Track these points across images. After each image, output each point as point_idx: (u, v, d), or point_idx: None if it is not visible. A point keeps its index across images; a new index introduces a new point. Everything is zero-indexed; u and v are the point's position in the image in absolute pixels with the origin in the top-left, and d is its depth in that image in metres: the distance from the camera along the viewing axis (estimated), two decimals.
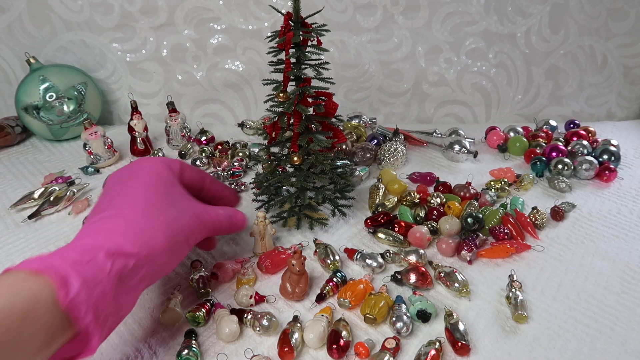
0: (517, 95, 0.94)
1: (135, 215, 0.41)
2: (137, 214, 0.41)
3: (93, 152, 0.77)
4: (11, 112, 0.89)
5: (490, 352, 0.44)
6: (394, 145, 0.77)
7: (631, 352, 0.44)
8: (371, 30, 0.89)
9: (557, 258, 0.56)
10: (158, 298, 0.51)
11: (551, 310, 0.48)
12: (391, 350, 0.42)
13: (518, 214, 0.61)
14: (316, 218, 0.61)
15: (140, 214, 0.41)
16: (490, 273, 0.53)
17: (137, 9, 0.87)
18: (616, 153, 0.74)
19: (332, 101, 0.57)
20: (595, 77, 0.94)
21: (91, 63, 0.92)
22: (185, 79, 0.92)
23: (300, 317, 0.47)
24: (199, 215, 0.46)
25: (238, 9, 0.87)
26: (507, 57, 0.91)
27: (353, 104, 0.95)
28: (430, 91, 0.93)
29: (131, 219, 0.40)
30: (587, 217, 0.63)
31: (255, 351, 0.44)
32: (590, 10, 0.88)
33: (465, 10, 0.87)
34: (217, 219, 0.49)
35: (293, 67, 0.54)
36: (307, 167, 0.57)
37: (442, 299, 0.50)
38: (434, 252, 0.57)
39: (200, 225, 0.46)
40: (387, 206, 0.64)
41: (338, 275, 0.51)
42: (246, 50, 0.90)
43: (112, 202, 0.43)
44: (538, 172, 0.73)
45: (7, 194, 0.71)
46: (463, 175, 0.74)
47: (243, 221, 0.53)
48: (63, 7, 0.87)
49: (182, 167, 0.50)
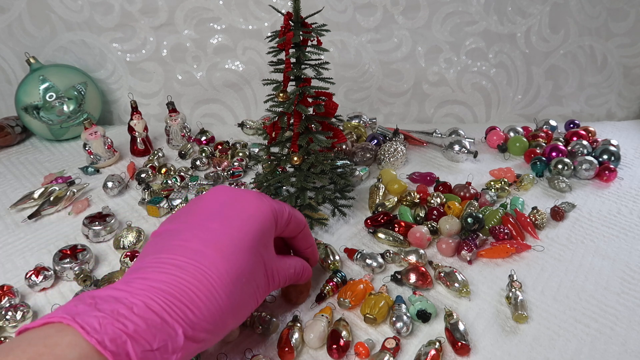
0: (517, 95, 0.94)
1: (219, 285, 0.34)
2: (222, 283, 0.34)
3: (93, 152, 0.77)
4: (11, 112, 0.89)
5: (490, 352, 0.44)
6: (394, 145, 0.77)
7: (631, 352, 0.44)
8: (371, 30, 0.89)
9: (557, 258, 0.56)
10: None
11: (551, 310, 0.48)
12: (391, 350, 0.42)
13: (518, 214, 0.61)
14: (316, 218, 0.61)
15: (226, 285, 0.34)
16: (490, 273, 0.53)
17: (137, 9, 0.87)
18: (616, 153, 0.74)
19: (332, 101, 0.57)
20: (595, 77, 0.94)
21: (91, 63, 0.92)
22: (185, 79, 0.92)
23: (300, 317, 0.46)
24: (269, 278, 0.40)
25: (238, 9, 0.87)
26: (507, 57, 0.91)
27: (353, 104, 0.95)
28: (430, 91, 0.93)
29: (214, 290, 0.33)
30: (587, 217, 0.63)
31: (255, 351, 0.44)
32: (590, 10, 0.88)
33: (465, 10, 0.87)
34: (285, 278, 0.43)
35: (293, 67, 0.54)
36: (307, 167, 0.57)
37: (442, 299, 0.50)
38: (434, 252, 0.57)
39: (266, 289, 0.40)
40: (387, 206, 0.64)
41: (338, 275, 0.51)
42: (246, 50, 0.90)
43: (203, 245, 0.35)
44: (538, 172, 0.73)
45: (7, 194, 0.71)
46: (463, 175, 0.74)
47: (308, 277, 0.48)
48: (63, 7, 0.87)
49: (288, 219, 0.43)
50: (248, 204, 0.39)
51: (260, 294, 0.39)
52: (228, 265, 0.35)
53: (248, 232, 0.37)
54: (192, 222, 0.38)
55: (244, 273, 0.36)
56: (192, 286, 0.32)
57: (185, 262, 0.34)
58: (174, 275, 0.33)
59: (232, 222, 0.37)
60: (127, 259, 0.54)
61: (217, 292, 0.33)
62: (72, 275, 0.53)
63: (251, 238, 0.37)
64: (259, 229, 0.38)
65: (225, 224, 0.37)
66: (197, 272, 0.33)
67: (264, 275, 0.39)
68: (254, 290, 0.37)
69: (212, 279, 0.33)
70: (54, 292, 0.52)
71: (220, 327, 0.34)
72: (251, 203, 0.40)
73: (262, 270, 0.38)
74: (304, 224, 0.46)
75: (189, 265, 0.33)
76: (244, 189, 0.42)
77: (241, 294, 0.35)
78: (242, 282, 0.36)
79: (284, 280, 0.42)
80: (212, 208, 0.39)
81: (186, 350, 0.31)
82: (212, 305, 0.33)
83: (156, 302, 0.31)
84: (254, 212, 0.39)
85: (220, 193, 0.41)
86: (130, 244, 0.57)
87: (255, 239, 0.38)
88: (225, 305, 0.34)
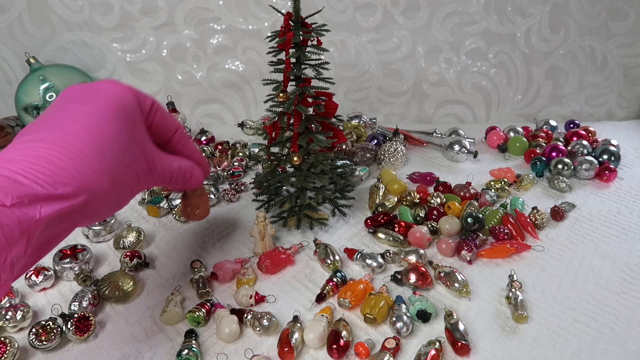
0: (517, 95, 0.94)
1: (84, 148, 0.34)
2: (87, 147, 0.34)
3: None
4: (11, 112, 0.89)
5: (490, 352, 0.44)
6: (394, 145, 0.77)
7: (631, 352, 0.44)
8: (371, 30, 0.89)
9: (557, 258, 0.56)
10: (158, 298, 0.51)
11: (551, 310, 0.48)
12: (391, 350, 0.42)
13: (518, 214, 0.61)
14: (316, 218, 0.61)
15: (91, 148, 0.34)
16: (490, 273, 0.54)
17: (137, 9, 0.87)
18: (616, 153, 0.74)
19: (332, 101, 0.57)
20: (595, 77, 0.94)
21: (91, 63, 0.92)
22: (185, 79, 0.92)
23: (300, 317, 0.47)
24: (150, 162, 0.40)
25: (238, 9, 0.87)
26: (507, 57, 0.91)
27: (353, 104, 0.95)
28: (430, 91, 0.94)
29: (78, 151, 0.33)
30: (587, 217, 0.63)
31: (255, 351, 0.44)
32: (590, 10, 0.88)
33: (465, 10, 0.87)
34: (171, 170, 0.43)
35: (293, 67, 0.54)
36: (307, 167, 0.57)
37: (442, 299, 0.50)
38: (434, 252, 0.57)
39: (148, 174, 0.40)
40: (387, 206, 0.64)
41: (338, 275, 0.51)
42: (246, 50, 0.90)
43: (61, 122, 0.35)
44: (538, 172, 0.73)
45: None
46: (463, 175, 0.74)
47: (198, 179, 0.47)
48: (63, 7, 0.87)
49: (153, 107, 0.42)
50: (104, 86, 0.39)
51: (140, 170, 0.39)
52: (89, 130, 0.35)
53: (107, 106, 0.37)
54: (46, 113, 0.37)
55: (112, 139, 0.36)
56: (49, 152, 0.32)
57: (41, 136, 0.34)
58: (30, 147, 0.33)
59: (87, 101, 0.37)
60: (127, 259, 0.54)
61: (82, 153, 0.33)
62: (72, 275, 0.53)
63: (111, 109, 0.37)
64: (120, 103, 0.38)
65: (81, 103, 0.37)
66: (55, 140, 0.33)
67: (141, 152, 0.39)
68: (129, 161, 0.37)
69: (72, 143, 0.33)
70: (54, 292, 0.52)
71: (94, 186, 0.34)
72: (108, 85, 0.39)
73: (137, 147, 0.39)
74: (178, 126, 0.45)
75: (45, 137, 0.33)
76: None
77: (114, 160, 0.35)
78: (113, 149, 0.36)
79: (169, 171, 0.42)
80: (66, 97, 0.38)
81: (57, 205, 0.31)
82: (77, 165, 0.33)
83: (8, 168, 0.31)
84: (112, 92, 0.38)
85: (72, 87, 0.40)
86: (130, 244, 0.57)
87: (118, 112, 0.37)
88: (93, 164, 0.34)
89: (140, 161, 0.39)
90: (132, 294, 0.50)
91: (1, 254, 0.29)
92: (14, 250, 0.30)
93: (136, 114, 0.39)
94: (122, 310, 0.49)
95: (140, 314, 0.49)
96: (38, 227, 0.31)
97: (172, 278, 0.54)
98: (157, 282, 0.53)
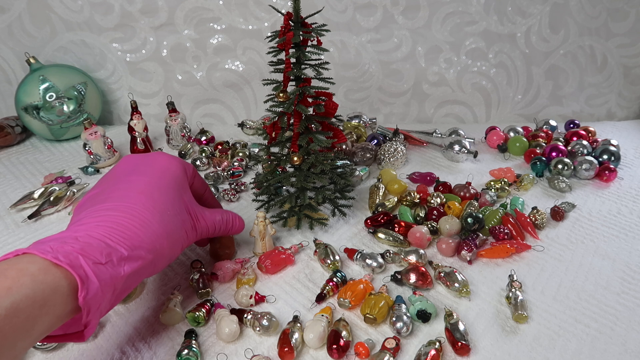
0: (517, 95, 0.94)
1: (149, 216, 0.41)
2: (150, 214, 0.41)
3: (93, 152, 0.77)
4: (11, 112, 0.89)
5: (490, 352, 0.44)
6: (394, 145, 0.77)
7: (631, 352, 0.44)
8: (371, 30, 0.89)
9: (557, 258, 0.56)
10: (158, 298, 0.51)
11: (551, 310, 0.48)
12: (391, 350, 0.42)
13: (518, 214, 0.61)
14: (316, 218, 0.61)
15: (153, 215, 0.41)
16: (490, 273, 0.53)
17: (137, 9, 0.87)
18: (616, 153, 0.74)
19: (332, 101, 0.57)
20: (595, 77, 0.94)
21: (91, 63, 0.92)
22: (185, 79, 0.92)
23: (300, 317, 0.47)
24: (194, 220, 0.47)
25: (238, 9, 0.87)
26: (507, 57, 0.91)
27: (353, 104, 0.95)
28: (430, 91, 0.94)
29: (145, 219, 0.40)
30: (587, 217, 0.63)
31: (255, 351, 0.44)
32: (590, 10, 0.88)
33: (465, 10, 0.87)
34: (212, 225, 0.49)
35: (293, 67, 0.54)
36: (307, 167, 0.57)
37: (442, 299, 0.50)
38: (434, 252, 0.57)
39: (192, 231, 0.47)
40: (387, 206, 0.64)
41: (338, 275, 0.51)
42: (246, 50, 0.90)
43: (127, 193, 0.42)
44: (538, 172, 0.73)
45: (7, 194, 0.71)
46: (463, 175, 0.74)
47: (240, 227, 0.54)
48: (63, 7, 0.87)
49: (194, 173, 0.51)
50: (158, 159, 0.47)
51: (188, 229, 0.46)
52: (152, 201, 0.42)
53: (162, 177, 0.45)
54: (111, 183, 0.44)
55: (168, 207, 0.43)
56: (125, 219, 0.39)
57: (114, 205, 0.40)
58: (108, 215, 0.39)
59: (146, 173, 0.45)
60: None
61: (149, 221, 0.40)
62: None
63: (167, 181, 0.45)
64: (172, 175, 0.46)
65: (142, 175, 0.44)
66: (127, 209, 0.40)
67: (187, 213, 0.46)
68: (181, 224, 0.45)
69: (140, 212, 0.40)
70: None
71: (158, 248, 0.41)
72: (160, 158, 0.48)
73: (185, 209, 0.46)
74: (206, 183, 0.54)
75: (118, 206, 0.40)
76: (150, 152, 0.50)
77: (170, 224, 0.42)
78: (169, 214, 0.43)
79: (212, 224, 0.49)
80: (126, 169, 0.46)
81: (135, 264, 0.38)
82: (146, 231, 0.40)
83: (97, 232, 0.37)
84: (165, 163, 0.47)
85: (130, 159, 0.48)
86: None
87: (171, 182, 0.45)
88: (157, 230, 0.41)
89: (187, 222, 0.46)
90: (132, 294, 0.50)
91: (97, 303, 0.34)
92: (105, 300, 0.35)
93: (183, 180, 0.48)
94: (122, 311, 0.49)
95: (140, 314, 0.49)
96: (121, 281, 0.37)
97: (172, 278, 0.54)
98: (157, 282, 0.53)
